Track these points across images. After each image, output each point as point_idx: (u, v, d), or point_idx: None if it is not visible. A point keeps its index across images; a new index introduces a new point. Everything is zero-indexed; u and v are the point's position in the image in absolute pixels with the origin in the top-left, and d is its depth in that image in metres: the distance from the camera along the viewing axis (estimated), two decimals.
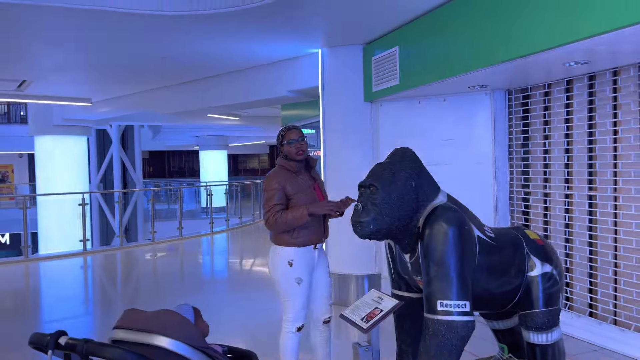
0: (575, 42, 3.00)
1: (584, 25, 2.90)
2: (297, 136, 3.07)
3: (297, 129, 3.13)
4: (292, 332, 3.06)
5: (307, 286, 3.08)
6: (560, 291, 2.88)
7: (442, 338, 2.48)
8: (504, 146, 4.82)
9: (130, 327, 1.69)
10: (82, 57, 6.01)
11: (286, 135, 3.09)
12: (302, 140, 3.07)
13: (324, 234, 3.17)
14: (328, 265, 3.27)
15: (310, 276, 3.11)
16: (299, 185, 3.06)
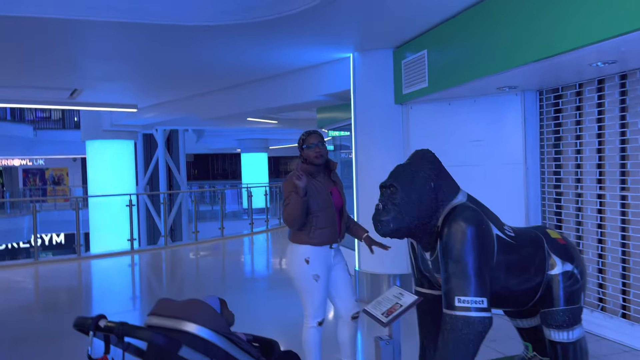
0: (602, 41, 3.02)
1: (612, 23, 2.90)
2: (316, 140, 3.19)
3: (316, 134, 3.24)
4: (313, 327, 3.21)
5: (325, 283, 3.20)
6: (582, 290, 2.91)
7: (460, 333, 2.57)
8: (535, 146, 4.82)
9: (162, 314, 1.88)
10: (129, 66, 6.37)
11: (306, 140, 3.21)
12: (321, 145, 3.19)
13: (339, 235, 3.28)
14: (346, 264, 3.38)
15: (327, 274, 3.22)
16: (315, 188, 3.18)
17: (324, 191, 3.20)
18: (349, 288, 3.30)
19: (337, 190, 3.30)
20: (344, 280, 3.29)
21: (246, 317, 5.34)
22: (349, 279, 3.34)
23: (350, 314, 3.28)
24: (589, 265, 4.39)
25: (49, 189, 28.75)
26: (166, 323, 1.84)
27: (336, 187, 3.31)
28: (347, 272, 3.34)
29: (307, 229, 3.16)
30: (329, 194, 3.22)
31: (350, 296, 3.30)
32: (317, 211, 3.16)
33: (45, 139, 23.45)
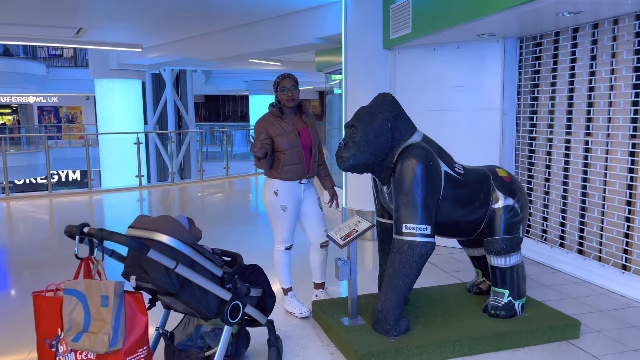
0: None
1: None
2: (289, 85, 3.45)
3: (290, 78, 3.48)
4: (280, 250, 3.62)
5: (292, 213, 3.55)
6: (521, 222, 3.26)
7: (405, 254, 2.96)
8: (512, 93, 5.04)
9: (138, 227, 2.27)
10: (132, 6, 6.56)
11: (281, 83, 3.47)
12: (293, 89, 3.46)
13: (307, 171, 3.56)
14: (318, 198, 3.67)
15: (296, 206, 3.56)
16: (282, 128, 3.47)
17: (292, 132, 3.49)
18: (318, 220, 3.63)
19: (306, 130, 3.57)
20: (313, 213, 3.62)
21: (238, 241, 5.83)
22: (318, 212, 3.63)
23: (319, 242, 3.65)
24: (552, 205, 4.72)
25: (64, 127, 29.35)
26: (141, 234, 2.23)
27: (306, 127, 3.58)
28: (317, 206, 3.63)
29: (276, 166, 3.49)
30: (297, 134, 3.50)
31: (319, 227, 3.63)
32: (285, 150, 3.45)
33: (57, 76, 23.72)
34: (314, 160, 3.59)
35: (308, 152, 3.56)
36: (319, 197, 3.70)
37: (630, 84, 3.89)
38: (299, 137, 3.50)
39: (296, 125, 3.54)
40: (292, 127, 3.50)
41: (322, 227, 3.66)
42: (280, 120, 3.50)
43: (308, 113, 3.66)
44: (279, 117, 3.51)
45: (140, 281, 2.23)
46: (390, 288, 2.98)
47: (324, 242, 3.66)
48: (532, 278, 4.43)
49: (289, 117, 3.54)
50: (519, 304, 3.30)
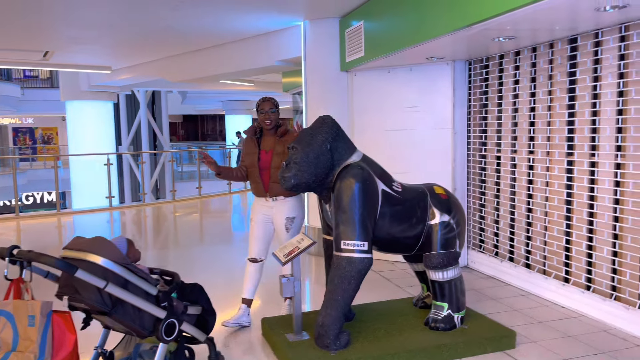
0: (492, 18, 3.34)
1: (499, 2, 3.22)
2: (267, 108, 3.70)
3: (270, 101, 3.73)
4: (248, 260, 3.87)
5: (259, 228, 3.82)
6: (457, 237, 3.40)
7: (343, 270, 3.07)
8: (462, 112, 5.23)
9: (72, 248, 2.35)
10: (99, 31, 6.66)
11: (260, 105, 3.74)
12: (271, 112, 3.70)
13: (265, 191, 3.75)
14: (287, 218, 3.77)
15: (264, 221, 3.82)
16: (250, 148, 3.79)
17: (254, 153, 3.76)
18: (280, 236, 3.82)
19: (271, 152, 3.71)
20: (278, 230, 3.83)
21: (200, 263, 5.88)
22: (281, 230, 3.79)
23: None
24: (501, 220, 4.89)
25: (39, 148, 29.05)
26: (74, 255, 2.31)
27: (271, 150, 3.71)
28: (282, 226, 3.77)
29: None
30: (257, 155, 3.74)
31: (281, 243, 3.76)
32: (248, 168, 3.80)
33: (33, 97, 23.58)
34: (273, 181, 3.71)
35: (266, 174, 3.72)
36: (289, 217, 3.78)
37: (565, 105, 4.10)
38: (260, 158, 3.73)
39: (267, 146, 3.74)
40: (257, 148, 3.75)
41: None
42: (253, 140, 3.79)
43: (289, 134, 3.79)
44: (252, 136, 3.81)
45: (73, 301, 2.30)
46: (330, 303, 3.08)
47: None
48: (482, 292, 4.57)
49: (266, 137, 3.77)
50: (458, 317, 3.42)
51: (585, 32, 3.82)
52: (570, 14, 3.33)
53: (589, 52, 3.86)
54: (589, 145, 3.91)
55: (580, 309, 3.98)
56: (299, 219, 3.84)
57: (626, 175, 3.64)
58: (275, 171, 3.71)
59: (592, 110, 3.87)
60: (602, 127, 3.80)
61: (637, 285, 3.57)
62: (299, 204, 3.85)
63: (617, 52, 3.65)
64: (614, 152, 3.71)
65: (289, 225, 3.79)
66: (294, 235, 3.80)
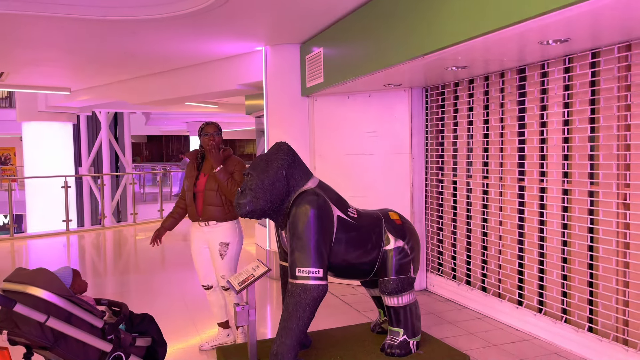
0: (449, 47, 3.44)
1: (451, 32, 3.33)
2: (212, 131, 3.72)
3: (214, 125, 3.76)
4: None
5: (199, 254, 3.87)
6: (412, 263, 3.43)
7: (298, 298, 3.05)
8: (420, 138, 5.34)
9: (12, 280, 2.27)
10: (57, 54, 6.54)
11: (204, 129, 3.75)
12: (215, 135, 3.72)
13: (198, 215, 3.75)
14: (220, 244, 3.73)
15: (201, 246, 3.85)
16: (189, 171, 3.84)
17: (192, 176, 3.80)
18: (214, 262, 3.80)
19: (207, 177, 3.74)
20: (212, 255, 3.79)
21: (158, 291, 5.75)
22: (215, 256, 3.76)
23: (219, 284, 3.85)
24: (458, 243, 4.97)
25: None
26: (15, 287, 2.23)
27: (208, 174, 3.74)
28: (215, 250, 3.75)
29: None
30: (195, 179, 3.78)
31: (216, 270, 3.82)
32: (185, 191, 3.83)
33: None
34: (207, 204, 3.70)
35: (200, 196, 3.75)
36: (223, 242, 3.75)
37: (516, 132, 4.24)
38: (197, 181, 3.76)
39: (206, 170, 3.76)
40: (196, 172, 3.78)
41: (218, 271, 3.80)
42: (193, 164, 3.83)
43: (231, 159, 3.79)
44: (194, 160, 3.84)
45: (13, 335, 2.21)
46: (284, 332, 3.05)
47: (222, 285, 3.82)
48: (439, 315, 4.61)
49: (208, 161, 3.77)
50: (414, 342, 3.43)
51: (533, 63, 3.98)
52: (518, 46, 3.46)
53: (536, 82, 4.02)
54: (538, 172, 4.04)
55: (533, 331, 4.06)
56: (235, 245, 3.78)
57: (573, 201, 3.77)
58: (209, 193, 3.69)
59: (541, 137, 4.02)
60: (549, 154, 3.94)
61: (585, 308, 3.68)
62: (235, 229, 3.78)
63: (562, 82, 3.81)
64: (561, 178, 3.85)
65: (223, 251, 3.73)
66: (229, 262, 3.75)
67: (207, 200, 3.69)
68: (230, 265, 3.79)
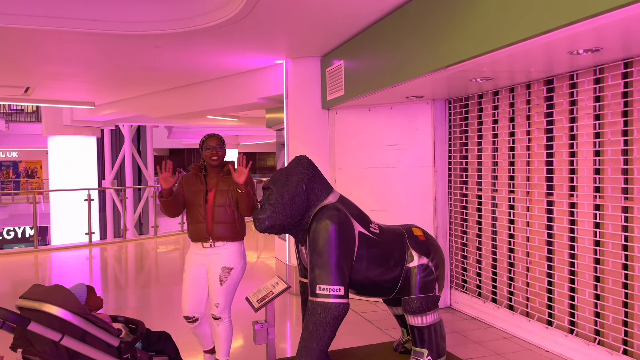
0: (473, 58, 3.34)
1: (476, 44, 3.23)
2: (215, 144, 3.44)
3: (216, 138, 3.47)
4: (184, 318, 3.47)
5: (192, 279, 3.42)
6: (436, 281, 3.31)
7: (318, 317, 2.95)
8: (443, 151, 5.23)
9: (28, 297, 2.23)
10: (79, 67, 6.64)
11: (206, 142, 3.46)
12: (219, 148, 3.45)
13: (209, 233, 3.39)
14: (222, 268, 3.38)
15: (199, 272, 3.44)
16: (194, 185, 3.47)
17: (202, 190, 3.44)
18: (210, 288, 3.42)
19: (214, 191, 3.44)
20: (210, 281, 3.42)
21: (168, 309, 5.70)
22: (214, 282, 3.39)
23: (211, 312, 3.44)
24: (484, 260, 4.82)
25: (22, 182, 28.69)
26: (30, 304, 2.19)
27: (215, 188, 3.45)
28: (215, 275, 3.38)
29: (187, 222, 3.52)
30: (205, 193, 3.43)
31: (210, 296, 3.44)
32: (189, 207, 3.45)
33: (18, 131, 23.43)
34: (216, 221, 3.40)
35: (210, 213, 3.41)
36: (225, 267, 3.39)
37: (544, 145, 4.10)
38: (207, 197, 3.43)
39: (211, 185, 3.48)
40: (204, 186, 3.46)
41: (213, 298, 3.43)
42: (197, 177, 3.51)
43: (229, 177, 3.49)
44: (198, 174, 3.53)
45: (28, 354, 2.17)
46: (304, 352, 2.96)
47: (212, 313, 3.44)
48: (464, 334, 4.46)
49: (211, 176, 3.51)
50: None
51: (561, 74, 3.85)
52: (546, 56, 3.35)
53: (565, 94, 3.89)
54: (567, 186, 3.89)
55: (564, 353, 3.88)
56: (238, 272, 3.43)
57: (605, 217, 3.61)
58: (218, 210, 3.39)
59: (570, 151, 3.87)
60: (580, 167, 3.79)
61: (620, 330, 3.50)
62: (240, 253, 3.47)
63: (592, 94, 3.67)
64: (592, 193, 3.69)
65: (224, 277, 3.37)
66: (227, 289, 3.38)
67: (217, 218, 3.39)
68: (228, 294, 3.41)
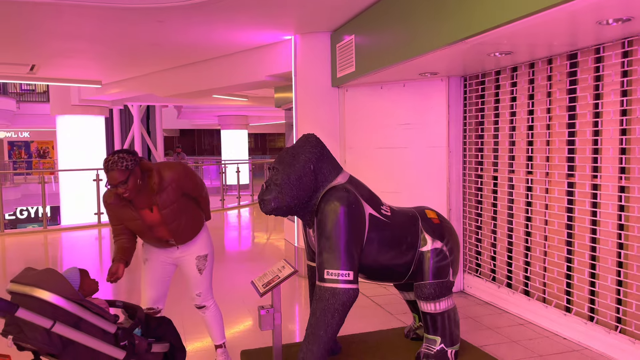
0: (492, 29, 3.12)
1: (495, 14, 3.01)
2: (115, 182, 2.74)
3: (114, 171, 2.70)
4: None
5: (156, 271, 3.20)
6: (450, 265, 3.15)
7: (326, 302, 2.81)
8: (458, 130, 5.02)
9: (19, 281, 2.11)
10: (84, 43, 6.48)
11: (107, 180, 2.79)
12: (123, 184, 2.74)
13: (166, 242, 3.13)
14: (197, 258, 3.24)
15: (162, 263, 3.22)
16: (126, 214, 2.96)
17: (137, 218, 2.98)
18: (189, 281, 3.29)
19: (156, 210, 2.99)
20: (187, 273, 3.28)
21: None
22: (192, 273, 3.26)
23: (193, 303, 3.36)
24: (499, 243, 4.65)
25: (35, 162, 28.81)
26: (20, 289, 2.07)
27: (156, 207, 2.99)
28: (192, 266, 3.24)
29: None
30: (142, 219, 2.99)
31: (189, 288, 3.31)
32: (138, 234, 3.10)
33: (29, 111, 23.47)
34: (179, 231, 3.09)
35: (162, 230, 3.06)
36: (200, 256, 3.25)
37: (565, 123, 3.89)
38: (146, 221, 2.99)
39: (145, 205, 2.96)
40: (137, 213, 2.96)
41: (193, 290, 3.30)
42: (126, 204, 2.94)
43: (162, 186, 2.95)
44: (122, 202, 2.94)
45: (19, 340, 2.06)
46: (311, 338, 2.83)
47: (195, 304, 3.35)
48: (477, 320, 4.31)
49: (138, 196, 2.92)
50: (452, 351, 3.16)
51: (586, 47, 3.62)
52: (570, 27, 3.13)
53: (589, 69, 3.66)
54: (590, 167, 3.69)
55: (583, 340, 3.73)
56: (211, 254, 3.30)
57: (631, 200, 3.41)
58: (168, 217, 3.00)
59: (594, 129, 3.66)
60: (604, 147, 3.58)
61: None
62: (208, 237, 3.29)
63: (619, 68, 3.44)
64: (617, 174, 3.49)
65: (202, 265, 3.24)
66: (208, 276, 3.28)
67: (172, 227, 3.04)
68: (208, 279, 3.30)
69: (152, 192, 2.89)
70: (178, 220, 3.05)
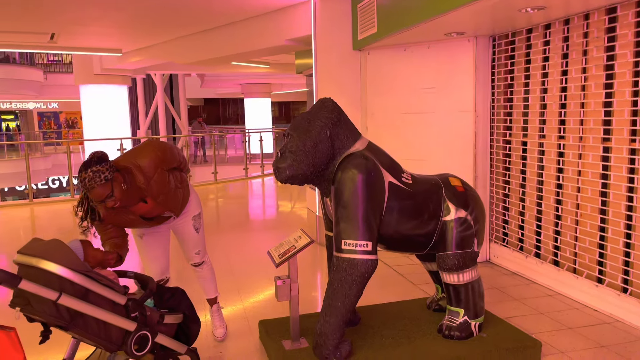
0: None
1: None
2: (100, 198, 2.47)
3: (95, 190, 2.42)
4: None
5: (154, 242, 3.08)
6: (475, 236, 3.00)
7: (344, 273, 2.71)
8: (485, 94, 4.78)
9: (25, 252, 2.06)
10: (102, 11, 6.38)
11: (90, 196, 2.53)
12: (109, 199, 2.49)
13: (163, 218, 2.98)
14: (194, 217, 3.17)
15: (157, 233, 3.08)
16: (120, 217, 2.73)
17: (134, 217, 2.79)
18: (187, 242, 3.22)
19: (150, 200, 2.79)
20: (184, 235, 3.20)
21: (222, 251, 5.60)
22: (190, 234, 3.19)
23: (190, 262, 3.32)
24: (527, 212, 4.46)
25: (64, 132, 29.32)
26: (26, 260, 2.02)
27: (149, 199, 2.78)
28: (189, 227, 3.17)
29: None
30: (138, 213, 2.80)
31: (187, 249, 3.25)
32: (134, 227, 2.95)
33: (56, 82, 23.72)
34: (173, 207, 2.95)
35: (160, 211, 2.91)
36: (195, 215, 3.17)
37: (601, 84, 3.63)
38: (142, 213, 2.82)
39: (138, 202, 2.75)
40: (134, 215, 2.78)
41: (191, 249, 3.25)
42: (117, 212, 2.68)
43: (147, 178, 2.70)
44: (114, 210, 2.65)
45: (26, 312, 2.02)
46: (329, 310, 2.74)
47: (192, 263, 3.31)
48: (504, 290, 4.17)
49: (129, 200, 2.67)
50: (476, 324, 3.04)
51: (626, 0, 3.33)
52: None
53: (630, 24, 3.37)
54: (628, 130, 3.44)
55: (616, 313, 3.56)
56: (202, 212, 3.25)
57: None
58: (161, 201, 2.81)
59: (633, 89, 3.40)
60: None
61: None
62: (196, 195, 3.21)
63: None
64: None
65: (198, 223, 3.19)
66: (203, 233, 3.24)
67: (170, 206, 2.92)
68: (203, 235, 3.28)
69: (142, 190, 2.69)
70: (174, 198, 2.92)
